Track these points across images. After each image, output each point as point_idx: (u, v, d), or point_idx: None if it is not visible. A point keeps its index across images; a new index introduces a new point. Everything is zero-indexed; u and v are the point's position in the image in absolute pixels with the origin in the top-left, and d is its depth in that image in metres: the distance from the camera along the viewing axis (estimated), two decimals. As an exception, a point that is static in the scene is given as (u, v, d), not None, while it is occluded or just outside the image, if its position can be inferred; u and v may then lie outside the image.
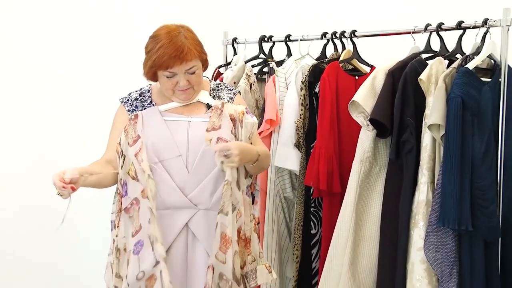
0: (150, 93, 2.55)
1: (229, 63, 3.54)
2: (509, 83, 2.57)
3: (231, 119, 2.43)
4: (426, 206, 2.54)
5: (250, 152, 2.43)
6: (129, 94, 2.55)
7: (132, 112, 2.50)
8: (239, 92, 2.67)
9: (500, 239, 2.60)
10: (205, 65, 2.49)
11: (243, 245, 2.49)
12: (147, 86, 2.58)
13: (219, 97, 2.56)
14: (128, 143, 2.40)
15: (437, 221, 2.46)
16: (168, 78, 2.39)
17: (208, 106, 2.51)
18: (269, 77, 3.29)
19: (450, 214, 2.41)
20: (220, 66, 3.60)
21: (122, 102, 2.54)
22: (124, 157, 2.42)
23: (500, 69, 2.58)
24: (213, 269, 2.33)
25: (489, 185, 2.50)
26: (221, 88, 2.60)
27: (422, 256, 2.51)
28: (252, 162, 2.47)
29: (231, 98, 2.58)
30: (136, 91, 2.56)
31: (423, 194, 2.56)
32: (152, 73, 2.42)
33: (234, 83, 3.28)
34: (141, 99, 2.53)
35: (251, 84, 3.25)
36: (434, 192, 2.53)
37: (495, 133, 2.57)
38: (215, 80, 3.47)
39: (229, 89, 2.61)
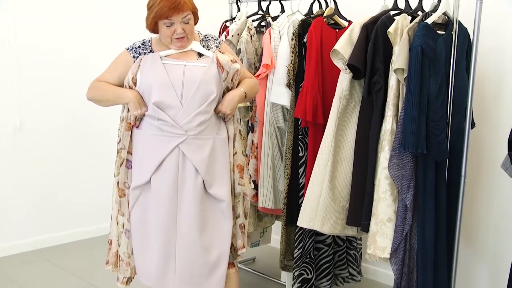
0: (150, 43, 2.59)
1: (234, 18, 3.53)
2: (459, 35, 2.59)
3: (222, 66, 2.50)
4: (391, 134, 2.58)
5: (236, 100, 2.58)
6: (134, 44, 2.60)
7: (136, 58, 2.55)
8: (223, 41, 2.72)
9: (447, 159, 2.65)
10: (196, 19, 2.55)
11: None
12: (148, 38, 2.62)
13: (207, 46, 2.61)
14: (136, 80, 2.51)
15: (399, 146, 2.51)
16: (167, 27, 2.46)
17: (199, 54, 2.57)
18: (266, 29, 3.27)
19: (409, 140, 2.45)
20: (227, 21, 3.59)
21: (127, 49, 2.59)
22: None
23: (452, 24, 2.58)
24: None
25: (441, 117, 2.52)
26: (208, 39, 2.65)
27: (386, 173, 2.57)
28: (242, 101, 2.62)
29: (217, 46, 2.63)
30: (139, 41, 2.61)
31: (388, 125, 2.60)
32: (153, 24, 2.48)
33: (238, 34, 3.28)
34: (143, 47, 2.58)
35: (251, 35, 3.27)
36: (398, 123, 2.56)
37: (446, 76, 2.58)
38: (222, 32, 3.52)
39: (215, 39, 2.66)
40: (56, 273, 3.81)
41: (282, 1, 3.38)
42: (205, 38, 2.65)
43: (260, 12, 3.45)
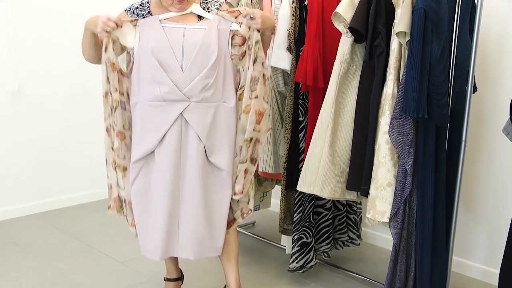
0: (149, 4, 2.53)
1: (234, -20, 3.44)
2: (463, -3, 2.54)
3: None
4: (392, 98, 2.56)
5: (270, 19, 2.51)
6: (132, 5, 2.54)
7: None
8: (223, 2, 2.64)
9: (448, 124, 2.62)
10: None
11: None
12: None
13: (208, 8, 2.55)
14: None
15: (400, 110, 2.49)
16: None
17: (199, 17, 2.51)
18: (267, -8, 3.22)
19: (410, 105, 2.43)
20: (227, -18, 3.52)
21: (126, 10, 2.53)
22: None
23: (456, -15, 2.52)
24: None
25: (443, 81, 2.49)
26: (209, 1, 2.59)
27: (387, 138, 2.56)
28: (270, 30, 2.55)
29: (217, 8, 2.57)
30: (138, 2, 2.55)
31: (389, 89, 2.57)
32: None
33: (239, -3, 3.22)
34: (141, 8, 2.52)
35: (252, -3, 3.20)
36: (399, 87, 2.54)
37: (449, 39, 2.54)
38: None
39: (215, 1, 2.60)
40: (58, 236, 3.84)
41: (283, -37, 3.28)
42: (205, 0, 2.60)
43: (261, -27, 3.36)
